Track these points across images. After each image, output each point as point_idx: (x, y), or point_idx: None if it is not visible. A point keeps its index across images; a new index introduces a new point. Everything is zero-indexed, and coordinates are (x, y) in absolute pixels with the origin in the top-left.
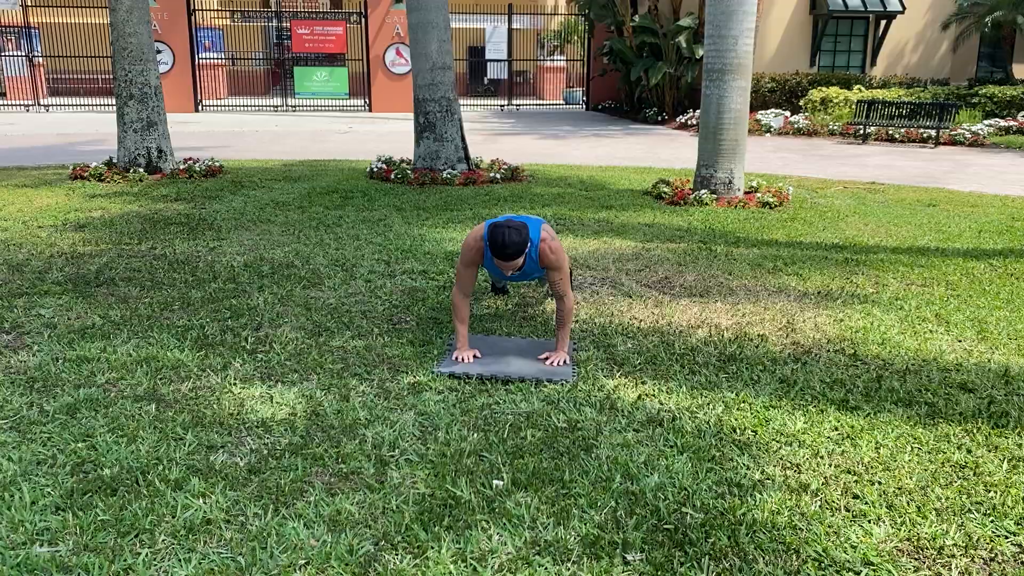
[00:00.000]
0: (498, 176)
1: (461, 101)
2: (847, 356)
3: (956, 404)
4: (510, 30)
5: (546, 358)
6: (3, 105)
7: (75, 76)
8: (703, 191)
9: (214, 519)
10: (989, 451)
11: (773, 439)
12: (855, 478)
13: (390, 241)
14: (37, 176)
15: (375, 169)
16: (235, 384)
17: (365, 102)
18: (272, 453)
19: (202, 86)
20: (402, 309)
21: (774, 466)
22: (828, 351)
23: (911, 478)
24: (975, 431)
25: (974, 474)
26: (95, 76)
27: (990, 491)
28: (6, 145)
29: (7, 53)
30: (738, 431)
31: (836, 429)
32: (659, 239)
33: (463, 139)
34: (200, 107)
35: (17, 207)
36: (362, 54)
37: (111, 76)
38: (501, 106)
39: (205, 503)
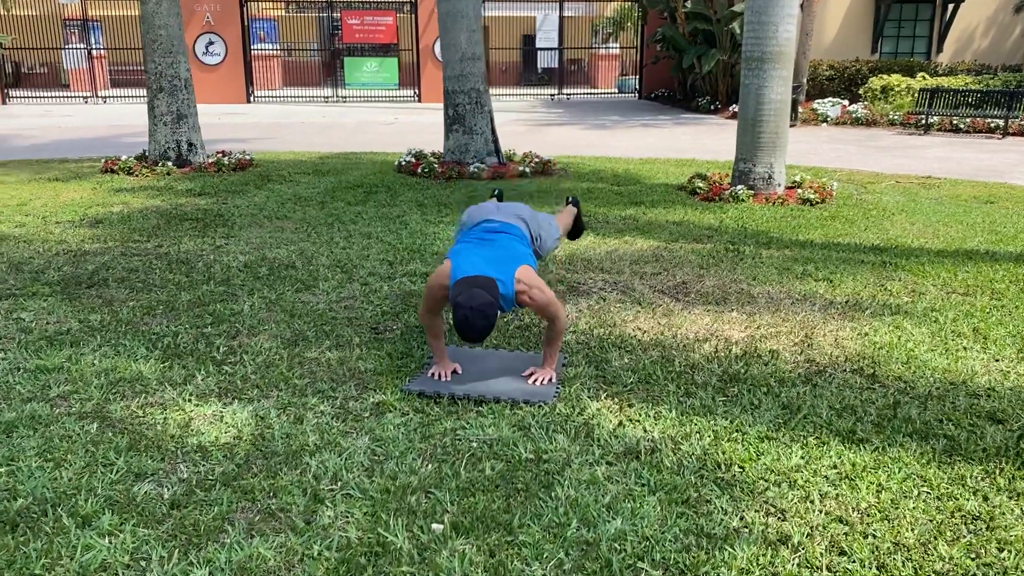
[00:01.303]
0: (528, 170)
1: (513, 91)
2: (865, 377)
3: (981, 438)
4: (562, 18)
5: (531, 375)
6: (66, 97)
7: (135, 68)
8: (739, 187)
9: (112, 564)
10: (1010, 498)
11: (761, 477)
12: (846, 529)
13: (401, 240)
14: (73, 169)
15: (403, 163)
16: (189, 401)
17: (415, 92)
18: (202, 484)
19: (256, 77)
20: (391, 316)
21: (756, 511)
22: (845, 371)
23: (912, 530)
24: (997, 472)
25: (987, 527)
26: None
27: (1003, 551)
28: (58, 137)
29: (70, 46)
30: (723, 467)
31: (836, 467)
32: (685, 239)
33: (494, 132)
34: (252, 98)
35: (42, 201)
36: (412, 44)
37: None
38: (551, 95)
39: (110, 543)
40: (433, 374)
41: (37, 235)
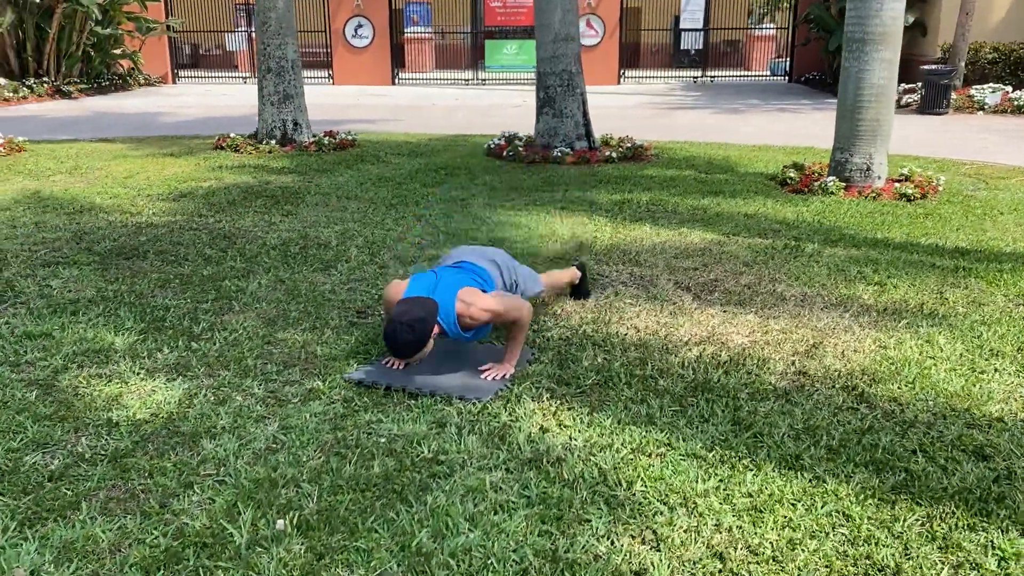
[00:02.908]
0: (614, 155)
1: (660, 73)
2: (852, 396)
3: (950, 475)
4: None
5: (487, 369)
6: (228, 77)
7: (301, 50)
8: (830, 179)
9: None
10: (939, 550)
11: (661, 499)
12: (719, 567)
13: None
14: (191, 145)
15: (492, 146)
16: (137, 375)
17: None
18: (89, 458)
19: (408, 59)
20: None
21: (632, 537)
22: (834, 387)
23: None
24: (941, 518)
25: None
26: (308, 51)
27: None
28: (203, 115)
29: (239, 29)
30: (625, 484)
31: (751, 495)
32: (747, 233)
33: (585, 115)
34: (396, 80)
35: (146, 175)
36: None
37: (321, 50)
38: (694, 78)
39: None
40: (388, 363)
41: (120, 206)
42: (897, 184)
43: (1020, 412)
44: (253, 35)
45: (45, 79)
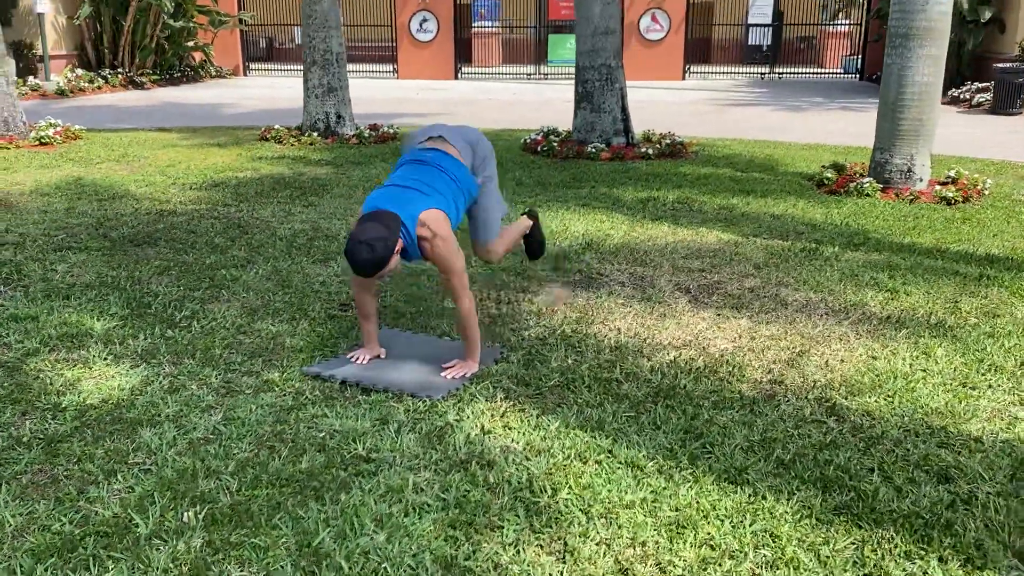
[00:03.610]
0: (651, 152)
1: (729, 69)
2: (823, 408)
3: (903, 497)
4: None
5: (449, 367)
6: (296, 70)
7: (362, 45)
8: (866, 180)
9: None
10: None
11: (583, 509)
12: None
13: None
14: (239, 136)
15: (528, 141)
16: (104, 360)
17: None
18: (27, 442)
19: (475, 54)
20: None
21: (541, 548)
22: (806, 398)
23: None
24: (882, 542)
25: None
26: (374, 45)
27: None
28: (262, 107)
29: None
30: (550, 491)
31: (678, 509)
32: (768, 234)
33: (624, 110)
34: (459, 74)
35: (187, 164)
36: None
37: (386, 44)
38: (761, 75)
39: None
40: (352, 357)
41: (151, 194)
42: (938, 187)
43: (1002, 432)
44: None
45: (120, 70)
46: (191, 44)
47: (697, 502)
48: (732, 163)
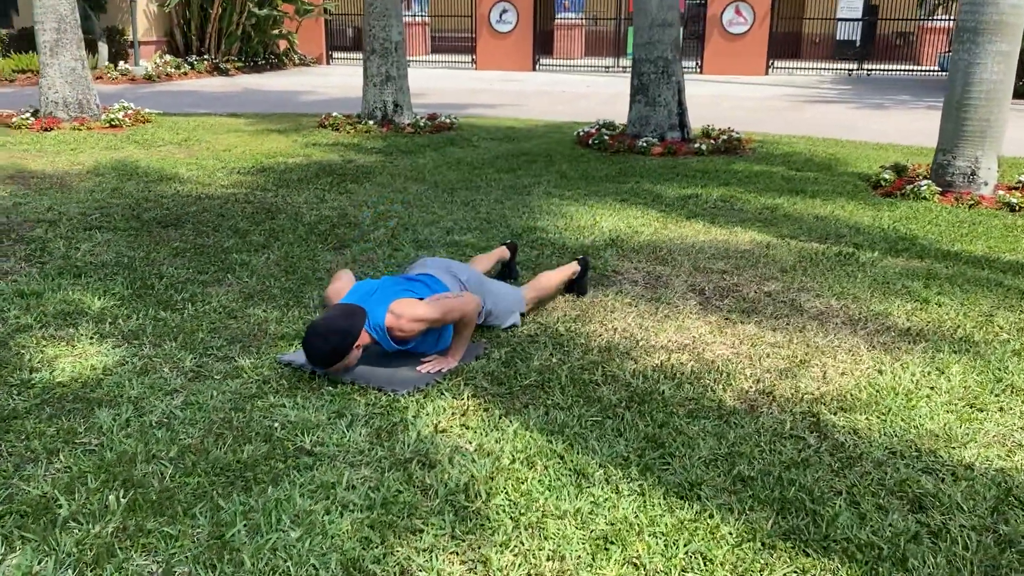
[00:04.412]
0: (704, 148)
1: (820, 64)
2: (806, 423)
3: (864, 525)
4: None
5: (428, 362)
6: None
7: (454, 35)
8: (923, 183)
9: None
10: None
11: (512, 516)
12: None
13: (493, 210)
14: (302, 122)
15: (581, 133)
16: (90, 339)
17: (696, 63)
18: None
19: (557, 45)
20: None
21: (462, 556)
22: (790, 412)
23: None
24: (824, 573)
25: None
26: (454, 35)
27: None
28: (337, 95)
29: (408, 12)
30: (484, 495)
31: (614, 523)
32: (806, 236)
33: (680, 104)
34: (537, 66)
35: (241, 150)
36: (698, 14)
37: (466, 35)
38: (848, 71)
39: None
40: None
41: (197, 177)
42: (1003, 192)
43: (998, 460)
44: (416, 19)
45: (206, 57)
46: (276, 32)
47: (636, 516)
48: (788, 161)
